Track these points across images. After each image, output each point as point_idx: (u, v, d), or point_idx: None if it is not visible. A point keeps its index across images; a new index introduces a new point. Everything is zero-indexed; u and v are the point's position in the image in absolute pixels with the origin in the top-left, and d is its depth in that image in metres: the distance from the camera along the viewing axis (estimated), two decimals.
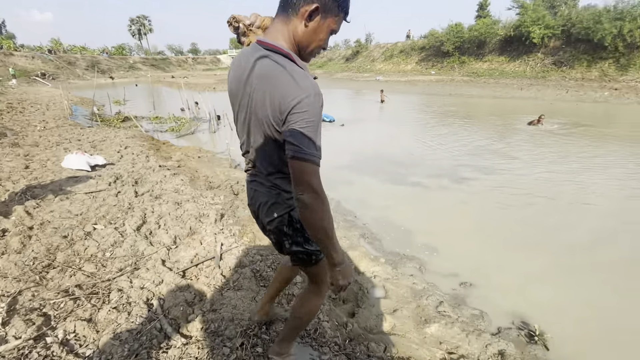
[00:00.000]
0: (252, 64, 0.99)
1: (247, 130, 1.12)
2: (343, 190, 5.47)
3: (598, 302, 2.92)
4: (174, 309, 2.03)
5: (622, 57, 19.37)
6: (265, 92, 0.96)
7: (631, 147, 7.68)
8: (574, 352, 2.41)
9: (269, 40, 1.00)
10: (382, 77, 30.82)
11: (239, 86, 1.07)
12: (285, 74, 0.93)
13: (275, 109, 0.95)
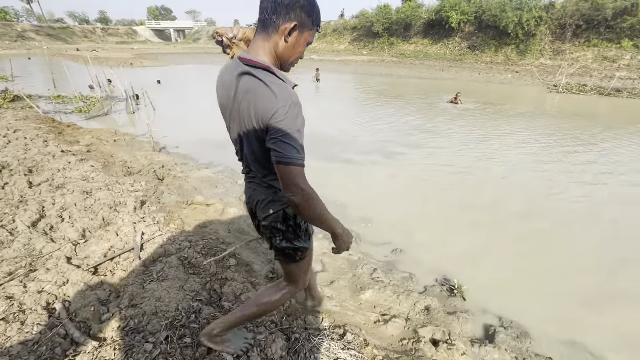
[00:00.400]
0: (236, 79, 1.07)
1: (239, 140, 1.20)
2: None
3: (503, 253, 3.38)
4: (82, 310, 1.77)
5: (521, 43, 22.19)
6: (249, 105, 1.05)
7: (526, 122, 8.93)
8: (485, 299, 2.76)
9: (249, 56, 1.07)
10: (316, 56, 30.65)
11: (228, 101, 1.15)
12: (265, 87, 1.01)
13: (258, 120, 1.04)
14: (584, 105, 11.66)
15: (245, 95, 1.05)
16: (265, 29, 1.06)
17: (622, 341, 2.39)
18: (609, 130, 8.11)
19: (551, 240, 3.60)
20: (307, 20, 1.06)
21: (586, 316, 2.61)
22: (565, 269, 3.14)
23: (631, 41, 19.20)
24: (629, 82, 16.33)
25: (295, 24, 1.04)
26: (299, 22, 1.04)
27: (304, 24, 1.07)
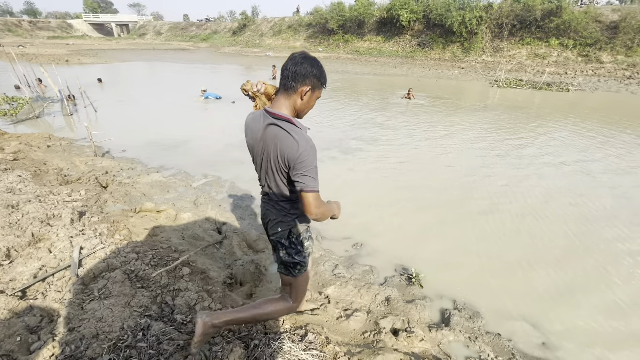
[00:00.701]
0: (264, 128, 1.40)
1: (264, 172, 1.50)
2: (236, 170, 5.20)
3: (455, 239, 3.57)
4: (6, 342, 1.55)
5: (465, 41, 23.68)
6: (276, 148, 1.36)
7: (472, 115, 9.56)
8: (441, 284, 2.90)
9: (274, 110, 1.39)
10: (272, 52, 30.19)
11: (255, 142, 1.47)
12: (288, 135, 1.34)
13: (284, 160, 1.36)
14: (521, 98, 12.76)
15: (273, 140, 1.38)
16: (286, 91, 1.39)
17: (562, 313, 2.64)
18: (543, 120, 8.96)
19: (500, 225, 3.87)
20: (317, 83, 1.42)
21: (530, 292, 2.84)
22: (511, 250, 3.40)
23: (557, 40, 21.36)
24: (557, 77, 18.17)
25: (310, 87, 1.39)
26: (312, 85, 1.40)
27: (315, 86, 1.42)
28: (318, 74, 1.40)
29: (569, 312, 2.63)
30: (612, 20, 20.45)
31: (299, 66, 1.35)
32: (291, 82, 1.37)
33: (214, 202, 4.19)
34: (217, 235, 3.32)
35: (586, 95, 13.66)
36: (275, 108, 1.41)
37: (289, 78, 1.37)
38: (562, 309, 2.66)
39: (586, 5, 23.05)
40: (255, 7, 45.32)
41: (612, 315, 2.60)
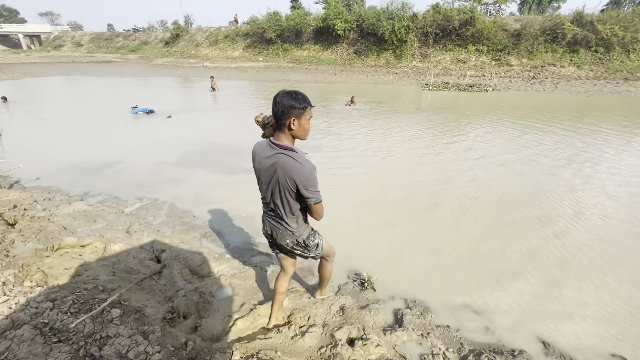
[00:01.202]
0: (273, 156, 1.70)
1: (271, 192, 1.82)
2: (175, 190, 4.84)
3: (402, 239, 3.71)
4: None
5: (397, 48, 25.33)
6: (284, 172, 1.67)
7: (409, 117, 10.20)
8: (392, 284, 2.97)
9: (279, 142, 1.70)
10: (209, 63, 29.20)
11: (263, 167, 1.76)
12: (295, 162, 1.65)
13: (292, 182, 1.68)
14: (449, 99, 13.97)
15: (282, 166, 1.68)
16: (280, 127, 1.71)
17: (499, 297, 2.86)
18: (471, 119, 9.89)
19: (443, 221, 4.12)
20: (299, 110, 1.66)
21: (471, 282, 3.04)
22: (453, 245, 3.62)
23: (474, 46, 23.92)
24: (477, 79, 20.28)
25: (294, 118, 1.66)
26: (295, 115, 1.66)
27: (299, 114, 1.67)
28: (296, 104, 1.65)
29: (504, 295, 2.86)
30: (515, 29, 23.51)
31: (280, 105, 1.65)
32: (280, 119, 1.67)
33: (151, 227, 3.83)
34: (156, 265, 3.03)
35: (502, 95, 15.43)
36: (279, 140, 1.72)
37: (278, 116, 1.68)
38: (498, 293, 2.89)
39: (494, 15, 26.19)
40: (189, 16, 43.59)
41: (540, 294, 2.89)
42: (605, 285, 2.98)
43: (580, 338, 2.43)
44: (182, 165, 5.87)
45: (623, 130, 8.67)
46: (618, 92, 16.07)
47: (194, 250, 3.34)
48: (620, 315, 2.64)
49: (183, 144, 7.08)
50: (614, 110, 11.79)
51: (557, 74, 20.81)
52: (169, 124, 9.04)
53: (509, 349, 2.32)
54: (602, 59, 21.28)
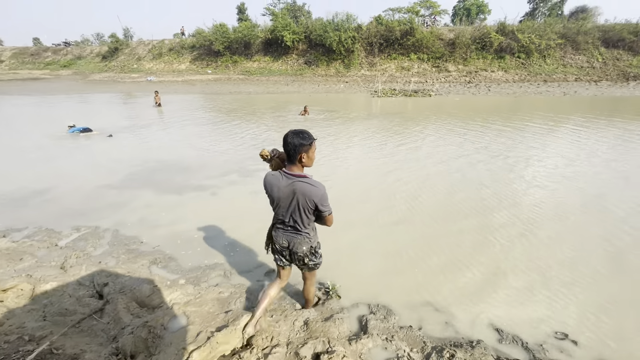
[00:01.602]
0: (291, 184, 2.04)
1: (291, 212, 2.14)
2: (118, 215, 4.44)
3: (361, 243, 3.75)
4: None
5: (345, 58, 26.21)
6: (304, 195, 2.03)
7: (362, 124, 10.52)
8: (356, 290, 2.97)
9: (294, 172, 2.05)
10: (154, 77, 27.77)
11: (283, 194, 2.09)
12: (311, 186, 2.03)
13: (311, 202, 2.05)
14: (397, 105, 14.69)
15: (302, 191, 2.02)
16: (292, 161, 2.03)
17: (457, 292, 2.99)
18: (419, 122, 10.47)
19: (398, 224, 4.24)
20: (307, 145, 1.99)
21: (428, 280, 3.15)
22: (411, 246, 3.74)
23: (416, 55, 25.59)
24: (420, 85, 21.65)
25: (303, 152, 1.99)
26: (304, 151, 1.99)
27: (307, 149, 2.01)
28: (304, 142, 1.98)
29: (459, 289, 3.00)
30: (450, 38, 25.61)
31: (291, 145, 1.97)
32: (292, 155, 2.01)
33: (91, 260, 3.45)
34: (97, 301, 2.72)
35: (444, 98, 16.61)
36: (291, 171, 2.06)
37: (290, 153, 2.01)
38: (454, 288, 3.02)
39: (430, 26, 28.31)
40: (128, 29, 41.20)
41: (490, 284, 3.08)
42: (546, 270, 3.26)
43: (528, 321, 2.62)
44: (125, 188, 5.42)
45: (548, 124, 9.75)
46: (540, 92, 18.13)
47: (142, 280, 3.06)
48: (559, 296, 2.90)
49: (125, 165, 6.56)
50: (538, 108, 13.26)
51: (489, 78, 22.95)
52: (110, 144, 8.35)
53: (468, 340, 2.42)
54: (524, 63, 23.95)
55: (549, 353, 2.33)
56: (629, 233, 3.89)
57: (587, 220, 4.21)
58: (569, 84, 21.37)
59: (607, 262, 3.35)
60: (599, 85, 20.64)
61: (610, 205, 4.58)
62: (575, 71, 23.24)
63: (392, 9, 28.24)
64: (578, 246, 3.63)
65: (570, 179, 5.51)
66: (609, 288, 2.99)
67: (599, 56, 24.01)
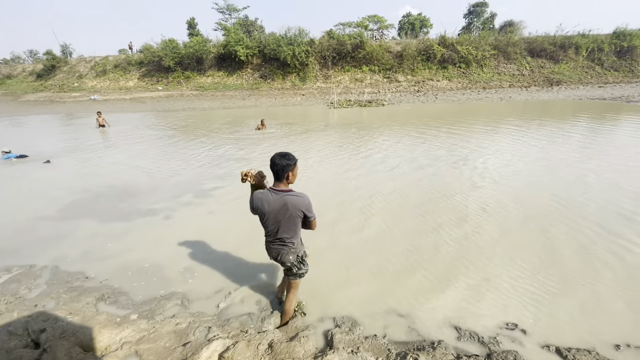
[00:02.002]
0: (281, 199, 2.34)
1: (282, 225, 2.42)
2: (57, 250, 4.03)
3: (323, 257, 3.75)
4: None
5: (300, 71, 26.61)
6: (294, 207, 2.34)
7: (321, 135, 10.67)
8: (321, 305, 2.95)
9: (282, 189, 2.36)
10: (98, 95, 26.02)
11: (274, 209, 2.37)
12: (297, 198, 2.34)
13: (300, 212, 2.36)
14: (353, 115, 15.15)
15: (292, 203, 2.33)
16: (279, 179, 2.36)
17: (420, 299, 3.08)
18: (377, 131, 10.86)
19: (355, 232, 4.31)
20: (292, 165, 2.34)
21: (389, 287, 3.22)
22: (370, 254, 3.81)
23: (367, 67, 26.73)
24: (374, 95, 22.58)
25: (290, 172, 2.34)
26: (290, 170, 2.33)
27: (292, 168, 2.35)
28: (290, 162, 2.33)
29: (418, 292, 3.11)
30: (397, 51, 27.14)
31: (278, 165, 2.31)
32: (280, 174, 2.34)
33: (25, 304, 3.08)
34: (32, 352, 2.41)
35: (396, 107, 17.45)
36: (279, 187, 2.37)
37: (278, 172, 2.34)
38: (413, 292, 3.12)
39: (379, 40, 29.83)
40: (66, 45, 38.26)
41: (444, 283, 3.23)
42: (493, 267, 3.50)
43: (481, 316, 2.77)
44: (64, 218, 4.94)
45: (490, 127, 10.63)
46: (480, 98, 19.77)
47: (87, 320, 2.78)
48: (505, 290, 3.12)
49: (65, 193, 5.99)
50: (480, 113, 14.43)
51: (435, 87, 24.60)
52: (47, 170, 7.60)
53: (429, 342, 2.50)
54: (465, 72, 26.04)
55: (502, 345, 2.48)
56: (567, 224, 4.32)
57: (527, 215, 4.61)
58: (504, 90, 23.59)
59: (544, 253, 3.68)
60: (529, 90, 23.04)
61: (550, 201, 5.06)
62: (508, 78, 25.74)
63: (343, 23, 29.35)
64: (519, 241, 3.95)
65: (509, 178, 6.02)
66: (547, 277, 3.28)
67: (527, 65, 26.87)
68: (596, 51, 27.17)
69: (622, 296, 2.98)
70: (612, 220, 4.37)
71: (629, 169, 6.37)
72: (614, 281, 3.18)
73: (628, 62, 27.26)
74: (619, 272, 3.32)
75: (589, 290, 3.06)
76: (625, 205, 4.77)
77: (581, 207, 4.75)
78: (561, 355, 2.37)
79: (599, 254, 3.62)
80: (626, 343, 2.47)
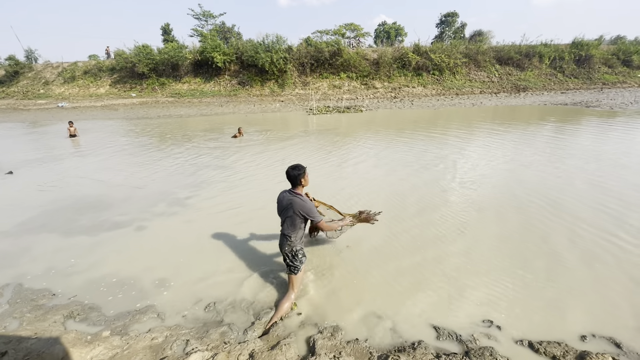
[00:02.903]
0: (290, 198, 2.97)
1: (284, 220, 3.02)
2: (20, 267, 3.79)
3: (309, 265, 3.73)
4: None
5: (279, 78, 26.62)
6: (296, 207, 2.92)
7: (300, 142, 10.68)
8: (305, 310, 2.93)
9: (295, 191, 3.01)
10: (66, 103, 24.89)
11: (282, 205, 3.04)
12: (301, 201, 2.94)
13: (300, 212, 2.93)
14: (333, 121, 15.29)
15: (295, 202, 2.92)
16: (294, 185, 3.01)
17: (400, 301, 3.12)
18: (358, 137, 10.99)
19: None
20: (302, 173, 2.95)
21: (374, 291, 3.25)
22: (352, 259, 3.83)
23: (345, 74, 27.15)
24: (352, 101, 22.92)
25: (301, 179, 2.97)
26: (301, 177, 2.96)
27: (303, 175, 2.96)
28: (300, 172, 2.93)
29: (395, 292, 3.16)
30: (374, 58, 27.76)
31: (292, 175, 2.94)
32: (295, 181, 2.96)
33: None
34: None
35: (374, 113, 17.78)
36: (294, 190, 2.99)
37: (293, 180, 2.97)
38: (390, 292, 3.17)
39: (355, 47, 30.42)
40: (31, 50, 36.34)
41: (425, 284, 3.30)
42: (473, 267, 3.61)
43: (458, 314, 2.85)
44: (25, 233, 4.65)
45: (464, 132, 11.04)
46: (454, 104, 20.51)
47: (54, 340, 2.63)
48: (480, 288, 3.23)
49: (28, 206, 5.65)
50: (454, 118, 14.96)
51: (411, 94, 25.30)
52: (8, 183, 7.15)
53: (410, 343, 2.54)
54: (439, 79, 26.98)
55: (479, 342, 2.55)
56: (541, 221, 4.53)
57: (506, 215, 4.80)
58: (475, 96, 24.61)
59: (516, 252, 3.85)
60: (499, 96, 24.16)
61: (525, 201, 5.30)
62: (479, 85, 26.90)
63: (320, 31, 29.74)
64: (492, 240, 4.11)
65: (486, 180, 6.27)
66: (518, 274, 3.42)
67: (496, 72, 28.21)
68: (558, 60, 28.95)
69: (588, 291, 3.15)
70: (594, 216, 4.63)
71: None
72: (585, 276, 3.36)
73: (586, 70, 29.22)
74: (585, 269, 3.52)
75: (560, 285, 3.22)
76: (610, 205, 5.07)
77: (555, 204, 5.01)
78: (533, 348, 2.48)
79: (571, 251, 3.82)
80: (592, 333, 2.61)
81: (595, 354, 2.37)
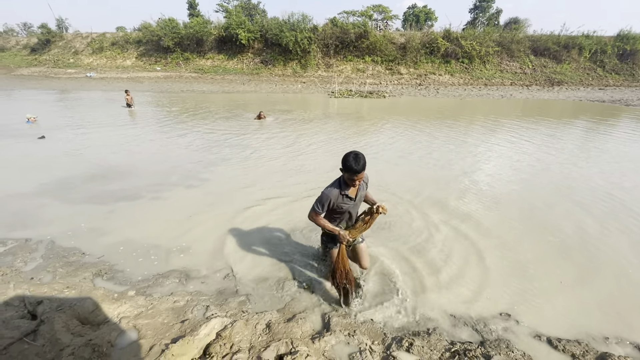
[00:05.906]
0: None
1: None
2: (54, 226, 3.99)
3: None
4: None
5: (302, 58, 26.25)
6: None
7: (320, 125, 10.59)
8: (320, 290, 2.97)
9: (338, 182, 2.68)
10: (94, 73, 25.51)
11: None
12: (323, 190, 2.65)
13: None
14: (354, 105, 15.04)
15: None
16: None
17: (420, 286, 3.11)
18: (380, 124, 10.80)
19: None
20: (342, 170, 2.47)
21: (392, 273, 3.25)
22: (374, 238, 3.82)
23: (370, 57, 26.44)
24: (375, 86, 22.41)
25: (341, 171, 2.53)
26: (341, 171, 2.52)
27: (342, 171, 2.50)
28: (342, 166, 2.46)
29: (416, 276, 3.15)
30: (401, 42, 26.83)
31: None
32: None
33: (21, 276, 3.07)
34: (29, 322, 2.41)
35: (397, 100, 17.35)
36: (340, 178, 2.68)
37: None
38: (410, 275, 3.16)
39: (383, 30, 29.43)
40: (62, 19, 37.21)
41: (445, 270, 3.27)
42: (494, 259, 3.54)
43: (476, 305, 2.82)
44: (59, 196, 4.89)
45: (491, 124, 10.64)
46: (481, 95, 19.72)
47: (84, 295, 2.78)
48: (500, 281, 3.17)
49: (62, 169, 5.93)
50: (481, 109, 14.41)
51: (437, 81, 24.45)
52: (42, 146, 7.48)
53: (425, 328, 2.54)
54: (468, 68, 25.88)
55: (495, 333, 2.53)
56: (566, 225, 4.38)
57: (523, 209, 4.66)
58: (505, 87, 23.54)
59: (538, 248, 3.74)
60: (530, 89, 23.02)
61: (550, 197, 5.11)
62: (510, 76, 25.66)
63: (347, 11, 28.92)
64: (515, 235, 4.00)
65: (506, 176, 6.07)
66: (542, 274, 3.33)
67: (530, 63, 26.76)
68: (599, 53, 27.12)
69: (616, 293, 3.04)
70: (617, 214, 4.43)
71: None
72: (611, 278, 3.25)
73: (630, 65, 27.29)
74: (614, 268, 3.39)
75: (584, 285, 3.12)
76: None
77: (584, 203, 4.81)
78: (552, 344, 2.43)
79: (597, 251, 3.68)
80: (617, 337, 2.54)
81: (617, 356, 2.30)
